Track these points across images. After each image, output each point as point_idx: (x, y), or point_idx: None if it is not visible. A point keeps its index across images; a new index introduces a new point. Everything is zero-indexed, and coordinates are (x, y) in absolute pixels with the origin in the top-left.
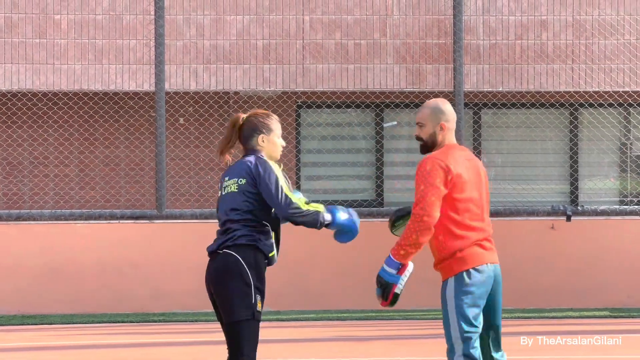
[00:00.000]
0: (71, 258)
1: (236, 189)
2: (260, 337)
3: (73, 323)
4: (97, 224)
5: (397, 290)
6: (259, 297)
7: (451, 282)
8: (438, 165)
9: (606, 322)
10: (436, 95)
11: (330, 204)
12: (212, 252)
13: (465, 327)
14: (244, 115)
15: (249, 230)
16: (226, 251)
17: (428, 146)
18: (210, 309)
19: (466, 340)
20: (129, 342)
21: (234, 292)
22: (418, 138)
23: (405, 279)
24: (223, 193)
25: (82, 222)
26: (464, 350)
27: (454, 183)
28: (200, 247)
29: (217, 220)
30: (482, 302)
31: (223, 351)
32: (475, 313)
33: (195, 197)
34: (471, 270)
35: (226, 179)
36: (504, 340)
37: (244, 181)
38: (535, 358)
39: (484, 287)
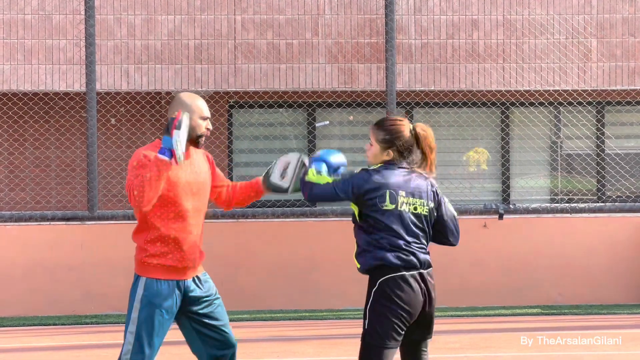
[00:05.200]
0: (1, 260)
1: (427, 212)
2: None
3: (3, 326)
4: (27, 225)
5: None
6: None
7: None
8: None
9: (538, 320)
10: (368, 94)
11: (262, 204)
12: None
13: None
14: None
15: None
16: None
17: None
18: None
19: None
20: (60, 345)
21: None
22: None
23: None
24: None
25: (12, 223)
26: None
27: None
28: (132, 248)
29: None
30: None
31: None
32: None
33: (128, 198)
34: None
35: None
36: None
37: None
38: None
39: None
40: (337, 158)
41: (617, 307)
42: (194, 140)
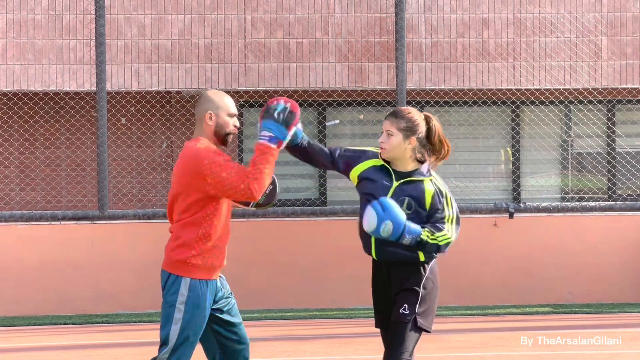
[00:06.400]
0: (12, 260)
1: None
2: None
3: (14, 325)
4: (38, 225)
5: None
6: None
7: None
8: None
9: (549, 319)
10: (378, 93)
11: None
12: None
13: None
14: None
15: None
16: None
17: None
18: (153, 309)
19: None
20: (71, 344)
21: None
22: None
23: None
24: None
25: (22, 223)
26: None
27: None
28: (143, 247)
29: (157, 220)
30: None
31: None
32: None
33: (138, 198)
34: None
35: None
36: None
37: None
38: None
39: None
40: None
41: (628, 306)
42: (222, 138)
